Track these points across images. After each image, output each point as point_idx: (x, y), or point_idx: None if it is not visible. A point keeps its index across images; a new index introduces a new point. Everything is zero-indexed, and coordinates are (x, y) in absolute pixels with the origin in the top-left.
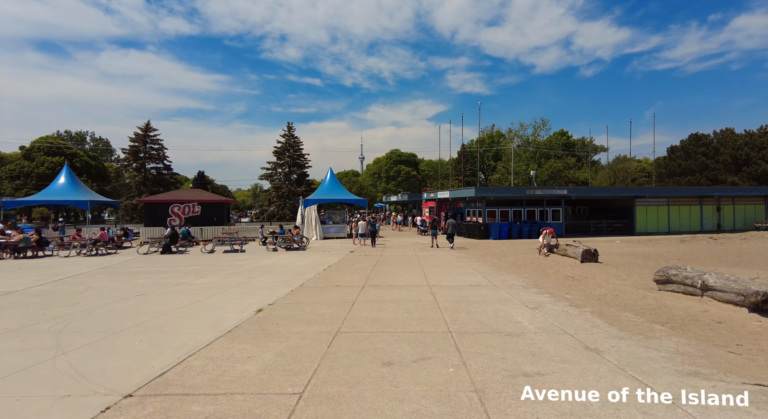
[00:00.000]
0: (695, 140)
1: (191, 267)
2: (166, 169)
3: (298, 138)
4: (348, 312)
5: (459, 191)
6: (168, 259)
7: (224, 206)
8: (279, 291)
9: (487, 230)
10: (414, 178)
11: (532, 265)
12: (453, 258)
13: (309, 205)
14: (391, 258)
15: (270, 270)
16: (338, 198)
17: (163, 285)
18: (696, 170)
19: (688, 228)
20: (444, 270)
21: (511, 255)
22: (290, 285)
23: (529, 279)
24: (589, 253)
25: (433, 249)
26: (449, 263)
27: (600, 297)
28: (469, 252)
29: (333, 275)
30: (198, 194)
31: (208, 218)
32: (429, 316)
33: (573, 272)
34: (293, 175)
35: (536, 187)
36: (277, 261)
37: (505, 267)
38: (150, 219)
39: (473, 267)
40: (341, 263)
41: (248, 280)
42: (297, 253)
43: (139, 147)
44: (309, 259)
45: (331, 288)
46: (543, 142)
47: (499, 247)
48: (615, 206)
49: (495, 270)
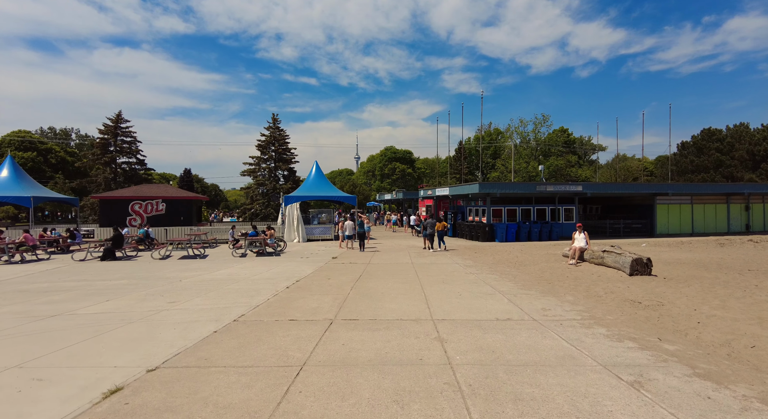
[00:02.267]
0: (708, 135)
1: (114, 281)
2: (139, 164)
3: (284, 131)
4: (276, 407)
5: (460, 187)
6: (99, 269)
7: (193, 203)
8: (191, 334)
9: (492, 231)
10: (410, 176)
11: (567, 280)
12: (459, 267)
13: (290, 202)
14: (380, 267)
15: (214, 288)
16: (324, 195)
17: (17, 320)
18: (710, 167)
19: (714, 229)
20: (451, 289)
21: (529, 262)
22: (220, 319)
23: (580, 307)
24: (640, 264)
25: (432, 255)
26: (456, 276)
27: (733, 353)
28: (477, 259)
29: (296, 297)
30: (163, 190)
31: (175, 217)
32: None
33: (632, 292)
34: (279, 171)
35: (548, 183)
36: (235, 271)
37: (532, 282)
38: (107, 219)
39: (490, 284)
40: (315, 275)
41: (165, 308)
42: (267, 260)
43: (109, 139)
44: (278, 269)
45: (280, 326)
46: (544, 139)
47: (511, 252)
48: (632, 204)
49: (522, 289)
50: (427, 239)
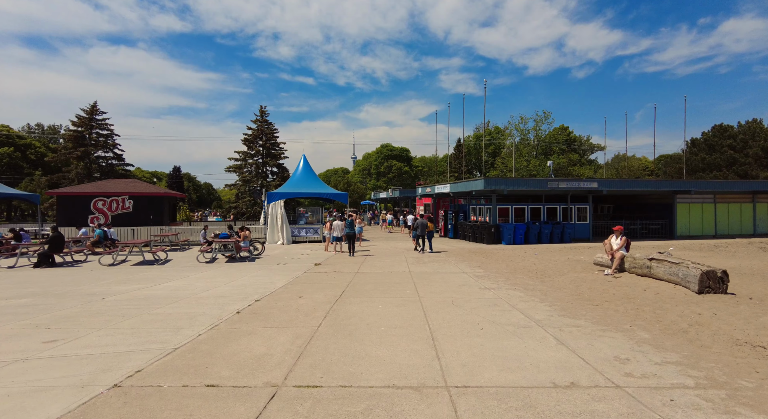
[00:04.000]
0: (720, 132)
1: (12, 300)
2: (117, 159)
3: (273, 124)
4: None
5: (463, 183)
6: (17, 279)
7: (165, 200)
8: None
9: (498, 232)
10: (406, 174)
11: (616, 300)
12: (469, 278)
13: (274, 200)
14: (371, 278)
15: (138, 312)
16: (312, 192)
17: None
18: (722, 165)
19: (738, 230)
20: (466, 316)
21: (553, 271)
22: (89, 384)
23: (673, 355)
24: (713, 278)
25: (434, 260)
26: (467, 292)
27: None
28: (488, 266)
29: (240, 332)
30: (131, 185)
31: (144, 215)
32: None
33: (732, 325)
34: (267, 166)
35: (559, 179)
36: (186, 284)
37: (573, 303)
38: (65, 218)
39: (518, 307)
40: (284, 292)
41: (22, 357)
42: (237, 267)
43: (83, 132)
44: (242, 280)
45: (182, 404)
46: (545, 137)
47: (524, 257)
48: (648, 203)
49: (565, 316)
50: (418, 240)
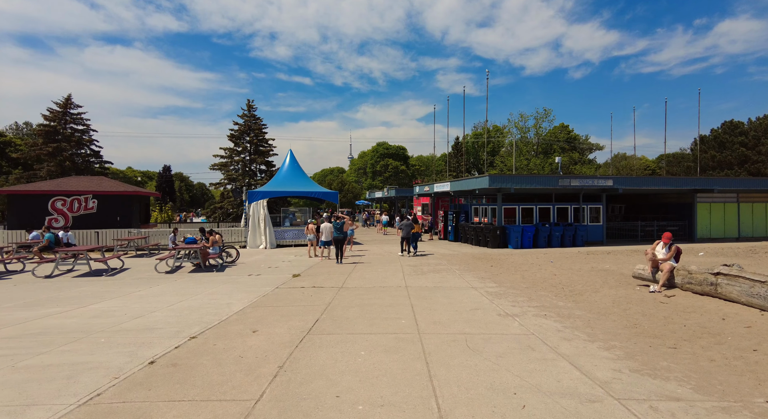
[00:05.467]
0: (731, 129)
1: None
2: (94, 156)
3: (261, 119)
4: None
5: (465, 181)
6: None
7: (135, 200)
8: None
9: (504, 235)
10: (403, 173)
11: (702, 337)
12: (481, 297)
13: (255, 199)
14: (356, 299)
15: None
16: (298, 190)
17: None
18: (734, 163)
19: (763, 232)
20: (490, 373)
21: (584, 288)
22: None
23: None
24: None
25: (435, 270)
26: (484, 322)
27: None
28: (500, 279)
29: (125, 415)
30: (96, 183)
31: (110, 216)
32: None
33: None
34: (255, 164)
35: (572, 176)
36: (119, 306)
37: (640, 344)
38: (19, 220)
39: (563, 353)
40: (236, 322)
41: None
42: (200, 279)
43: (56, 127)
44: (192, 301)
45: None
46: (545, 135)
47: (540, 265)
48: (663, 203)
49: (643, 372)
50: (402, 244)
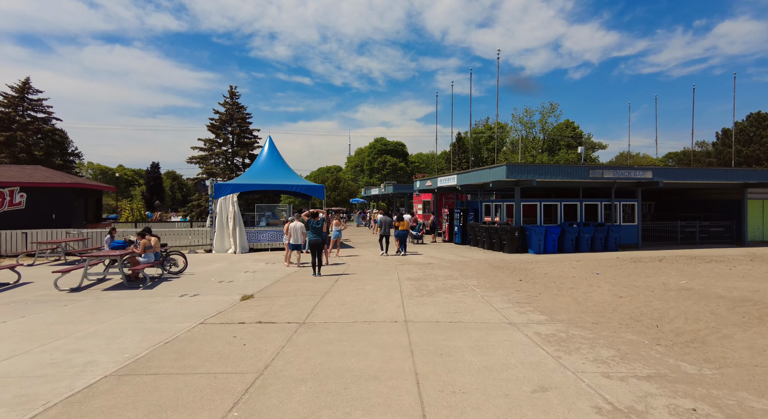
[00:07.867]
0: (758, 121)
1: None
2: (57, 147)
3: (245, 107)
4: None
5: (476, 173)
6: None
7: (76, 193)
8: None
9: (524, 238)
10: (402, 170)
11: None
12: (540, 353)
13: (224, 193)
14: (318, 356)
15: None
16: (276, 183)
17: None
18: (763, 157)
19: None
20: None
21: (694, 325)
22: None
23: None
24: None
25: (443, 290)
26: None
27: None
28: (543, 305)
29: None
30: (28, 173)
31: (45, 214)
32: None
33: None
34: (237, 157)
35: (604, 166)
36: None
37: None
38: None
39: None
40: None
41: None
42: (108, 301)
43: (10, 114)
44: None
45: None
46: (551, 131)
47: (586, 280)
48: (703, 200)
49: None
50: (381, 241)
